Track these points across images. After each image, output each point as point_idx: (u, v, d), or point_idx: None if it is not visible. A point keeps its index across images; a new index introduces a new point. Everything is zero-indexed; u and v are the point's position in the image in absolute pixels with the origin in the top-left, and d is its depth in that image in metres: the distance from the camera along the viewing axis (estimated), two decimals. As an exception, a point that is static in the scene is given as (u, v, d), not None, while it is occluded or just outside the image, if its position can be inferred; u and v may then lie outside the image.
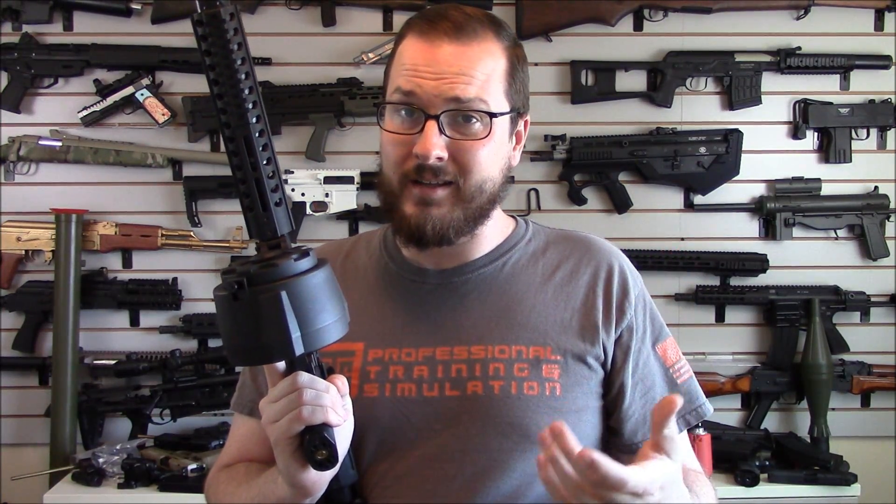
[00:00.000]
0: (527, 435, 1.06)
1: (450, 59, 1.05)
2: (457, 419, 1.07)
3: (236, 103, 0.85)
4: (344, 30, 2.82)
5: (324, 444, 0.90)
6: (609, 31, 2.82)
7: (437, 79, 1.04)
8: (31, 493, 2.68)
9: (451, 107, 1.04)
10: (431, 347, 1.10)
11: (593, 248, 1.18)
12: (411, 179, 1.06)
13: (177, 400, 2.72)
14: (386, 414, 1.08)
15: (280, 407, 0.92)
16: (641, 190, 2.86)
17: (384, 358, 1.10)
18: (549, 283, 1.14)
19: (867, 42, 2.86)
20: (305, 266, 0.87)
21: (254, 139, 0.87)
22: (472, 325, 1.11)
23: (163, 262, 2.85)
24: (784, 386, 2.82)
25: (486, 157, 1.07)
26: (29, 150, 2.78)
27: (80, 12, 2.81)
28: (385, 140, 1.09)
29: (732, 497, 2.51)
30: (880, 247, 2.84)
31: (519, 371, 1.08)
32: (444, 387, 1.08)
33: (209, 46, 0.84)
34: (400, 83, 1.06)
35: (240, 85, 0.85)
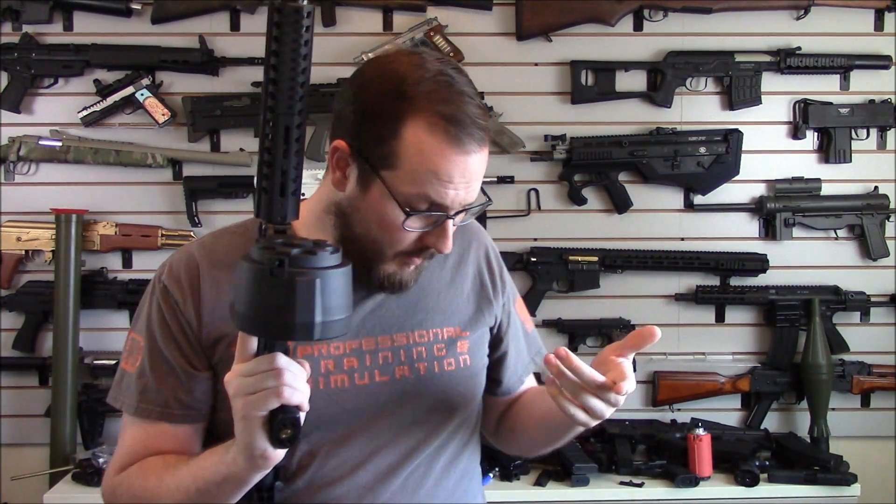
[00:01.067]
0: (451, 403, 1.23)
1: (478, 166, 1.10)
2: (389, 402, 1.18)
3: (289, 93, 0.91)
4: (344, 30, 2.83)
5: (292, 425, 0.95)
6: (609, 31, 2.82)
7: (466, 189, 1.10)
8: (31, 493, 2.68)
9: (464, 209, 1.12)
10: (357, 340, 1.18)
11: (468, 231, 1.31)
12: (405, 255, 1.13)
13: (177, 400, 2.71)
14: (322, 406, 1.11)
15: (256, 382, 0.95)
16: (641, 190, 2.86)
17: (313, 353, 1.15)
18: (445, 269, 1.27)
19: (867, 42, 2.86)
20: (336, 261, 0.94)
21: (293, 129, 0.93)
22: (390, 315, 1.21)
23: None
24: (784, 386, 2.82)
25: None
26: (29, 150, 2.78)
27: (80, 12, 2.81)
28: (398, 227, 1.09)
29: (732, 497, 2.51)
30: (880, 247, 2.85)
31: (438, 351, 1.22)
32: (373, 374, 1.18)
33: (281, 34, 0.89)
34: (430, 193, 1.07)
35: (297, 78, 0.91)
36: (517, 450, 1.44)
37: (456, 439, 1.26)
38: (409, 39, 2.78)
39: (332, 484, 1.16)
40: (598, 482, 2.53)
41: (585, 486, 2.49)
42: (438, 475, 1.23)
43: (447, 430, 1.24)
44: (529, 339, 1.39)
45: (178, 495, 1.07)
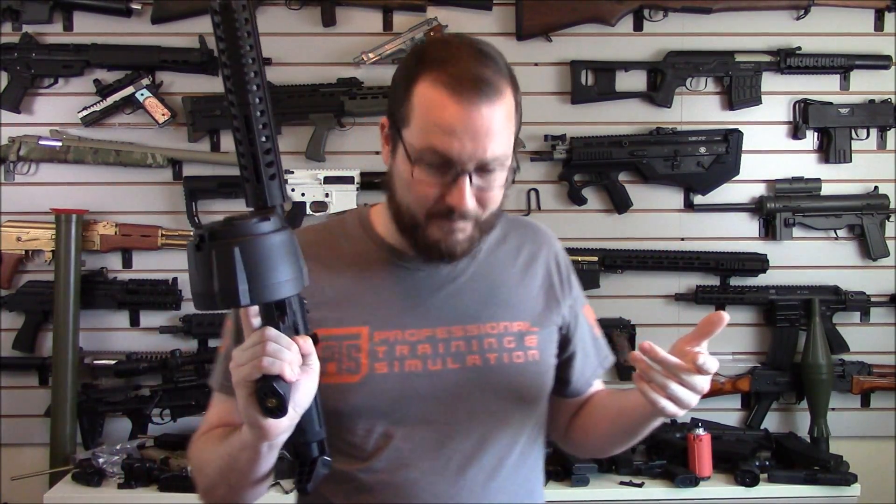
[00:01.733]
0: (518, 395, 1.27)
1: (484, 121, 1.12)
2: (460, 388, 1.23)
3: (242, 86, 0.95)
4: (344, 30, 2.83)
5: (273, 394, 0.97)
6: (609, 31, 2.82)
7: (473, 142, 1.12)
8: (31, 493, 2.68)
9: (481, 165, 1.14)
10: (432, 328, 1.24)
11: (540, 234, 1.38)
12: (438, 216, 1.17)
13: (177, 400, 2.72)
14: (396, 388, 1.20)
15: (246, 354, 1.00)
16: (641, 190, 2.86)
17: (390, 339, 1.22)
18: (516, 266, 1.33)
19: (867, 42, 2.86)
20: (265, 229, 0.96)
21: (254, 118, 0.96)
22: (464, 306, 1.26)
23: (163, 262, 2.85)
24: (784, 386, 2.82)
25: (500, 192, 1.20)
26: (29, 150, 2.78)
27: (80, 12, 2.82)
28: (412, 182, 1.16)
29: (732, 497, 2.51)
30: (880, 247, 2.85)
31: (508, 343, 1.26)
32: (445, 361, 1.23)
33: (221, 33, 0.94)
34: (435, 144, 1.12)
35: (246, 70, 0.94)
36: (589, 451, 1.47)
37: (525, 435, 1.29)
38: (409, 39, 2.78)
39: (408, 466, 1.21)
40: (598, 482, 2.53)
41: (585, 486, 2.50)
42: (509, 470, 1.27)
43: (517, 423, 1.27)
44: (598, 344, 1.42)
45: (218, 462, 1.15)
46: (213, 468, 1.17)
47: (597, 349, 1.42)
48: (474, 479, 1.22)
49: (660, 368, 1.11)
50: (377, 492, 1.21)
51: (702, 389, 1.12)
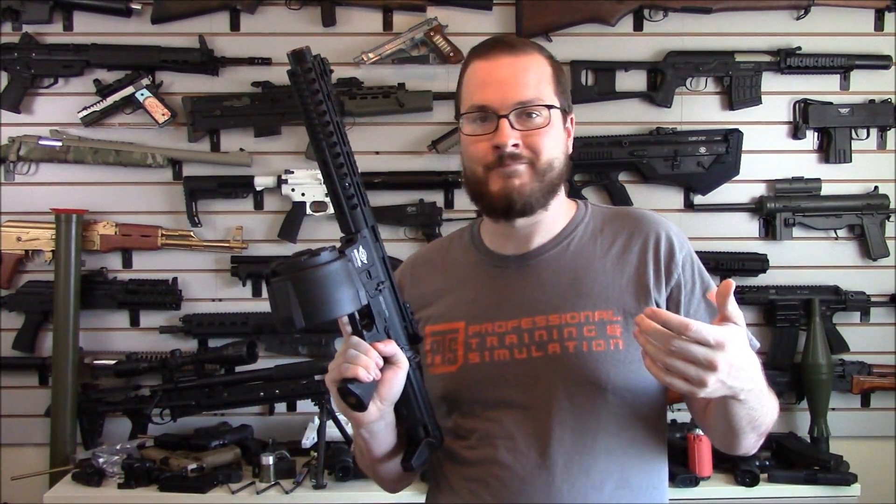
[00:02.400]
0: (598, 383, 1.30)
1: (508, 68, 1.31)
2: (542, 374, 1.31)
3: (314, 135, 1.12)
4: (344, 30, 2.83)
5: (350, 393, 1.15)
6: (609, 31, 2.82)
7: (502, 86, 1.30)
8: (31, 493, 2.68)
9: (518, 107, 1.29)
10: (517, 319, 1.34)
11: (643, 221, 1.42)
12: (494, 167, 1.30)
13: (177, 400, 2.71)
14: (486, 375, 1.33)
15: (335, 361, 1.17)
16: (641, 190, 2.86)
17: (481, 332, 1.35)
18: (608, 257, 1.38)
19: (867, 42, 2.86)
20: (313, 262, 1.10)
21: (329, 161, 1.13)
22: (547, 298, 1.35)
23: (163, 262, 2.85)
24: (784, 386, 2.82)
25: (549, 141, 1.33)
26: (29, 150, 2.78)
27: (80, 12, 2.82)
28: (466, 142, 1.34)
29: (732, 497, 2.51)
30: (880, 247, 2.85)
31: (588, 332, 1.31)
32: (530, 350, 1.33)
33: (298, 91, 1.11)
34: (474, 97, 1.32)
35: (321, 119, 1.11)
36: (720, 445, 1.39)
37: (615, 424, 1.31)
38: (409, 39, 2.78)
39: (497, 444, 1.31)
40: (598, 482, 2.53)
41: (585, 486, 2.49)
42: (596, 455, 1.30)
43: (601, 409, 1.30)
44: None
45: (357, 445, 1.35)
46: (357, 453, 1.38)
47: None
48: (554, 460, 1.29)
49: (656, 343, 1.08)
50: (474, 465, 1.33)
51: (708, 362, 1.06)
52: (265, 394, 2.70)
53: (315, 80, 1.09)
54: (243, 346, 2.68)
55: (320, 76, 1.10)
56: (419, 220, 2.81)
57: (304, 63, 1.09)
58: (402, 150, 2.84)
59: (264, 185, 2.81)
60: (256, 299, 2.85)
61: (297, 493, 2.44)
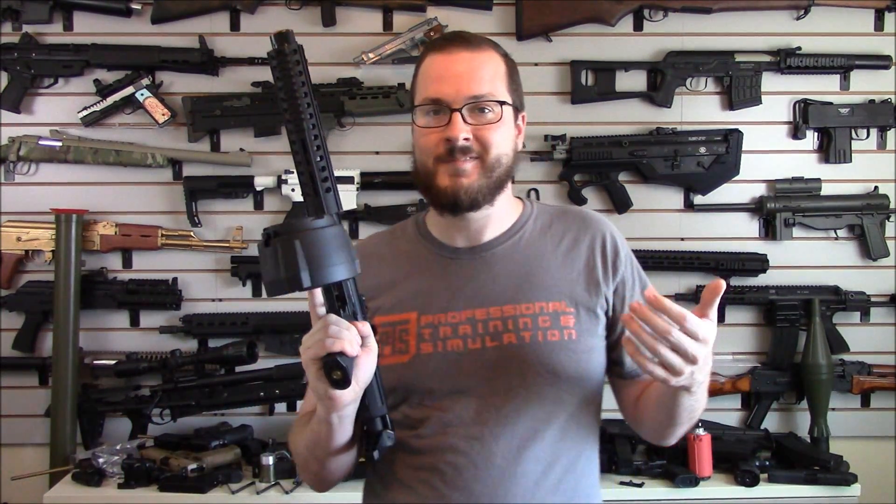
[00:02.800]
0: (553, 371, 1.33)
1: (464, 63, 1.34)
2: (497, 364, 1.34)
3: (297, 115, 1.15)
4: (344, 30, 2.83)
5: (337, 366, 1.13)
6: (609, 31, 2.82)
7: (456, 80, 1.32)
8: (31, 493, 2.68)
9: (470, 102, 1.32)
10: (471, 310, 1.36)
11: (588, 220, 1.47)
12: (444, 161, 1.33)
13: (177, 400, 2.71)
14: (439, 365, 1.34)
15: (313, 338, 1.16)
16: (641, 190, 2.86)
17: (434, 322, 1.36)
18: (558, 251, 1.42)
19: (867, 42, 2.86)
20: (318, 224, 1.12)
21: (309, 140, 1.15)
22: (501, 289, 1.37)
23: (163, 262, 2.85)
24: (784, 386, 2.82)
25: (499, 137, 1.34)
26: (29, 150, 2.78)
27: (80, 12, 2.82)
28: (418, 134, 1.37)
29: (732, 497, 2.51)
30: (880, 247, 2.85)
31: (543, 322, 1.35)
32: (484, 340, 1.35)
33: (278, 73, 1.14)
34: (427, 91, 1.34)
35: (300, 101, 1.14)
36: (649, 436, 1.47)
37: (564, 412, 1.35)
38: (409, 39, 2.78)
39: (450, 432, 1.33)
40: (598, 482, 2.53)
41: (585, 486, 2.49)
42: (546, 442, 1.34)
43: (553, 398, 1.34)
44: None
45: (306, 441, 1.32)
46: (303, 446, 1.34)
47: None
48: (508, 445, 1.32)
49: (650, 330, 1.12)
50: (425, 453, 1.34)
51: (693, 356, 1.12)
52: (265, 394, 2.71)
53: (300, 60, 1.13)
54: (243, 346, 2.68)
55: (305, 60, 1.14)
56: (419, 220, 2.81)
57: (290, 43, 1.12)
58: (402, 150, 2.84)
59: (264, 185, 2.81)
60: (256, 299, 2.85)
61: (297, 493, 2.44)
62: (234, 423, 2.77)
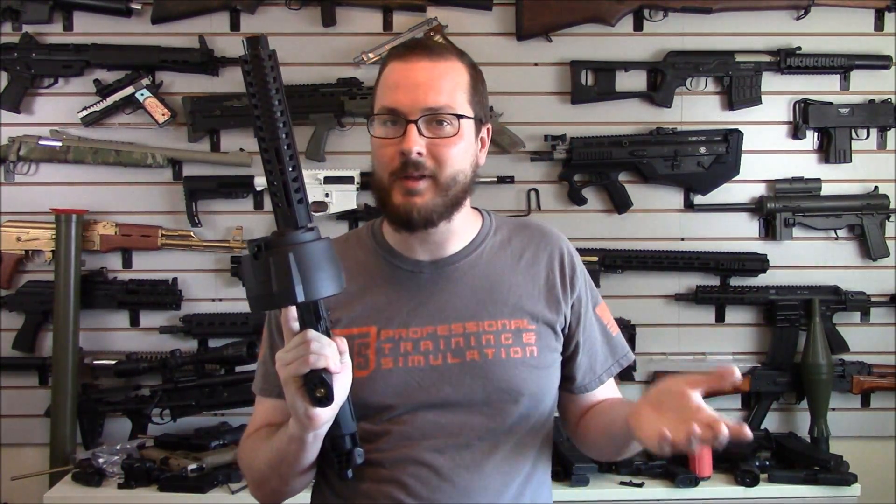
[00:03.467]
0: (516, 388, 1.34)
1: (423, 73, 1.29)
2: (459, 381, 1.33)
3: (272, 123, 1.09)
4: (344, 30, 2.83)
5: (322, 384, 1.12)
6: (609, 31, 2.82)
7: (415, 90, 1.27)
8: (31, 493, 2.68)
9: (427, 113, 1.27)
10: (433, 325, 1.34)
11: (546, 236, 1.45)
12: (399, 176, 1.28)
13: (177, 400, 2.72)
14: (400, 381, 1.32)
15: (292, 353, 1.14)
16: (641, 190, 2.86)
17: (395, 337, 1.33)
18: (518, 267, 1.40)
19: (867, 42, 2.86)
20: (310, 237, 1.11)
21: (283, 150, 1.10)
22: (464, 305, 1.36)
23: (163, 262, 2.85)
24: (784, 386, 2.82)
25: (457, 153, 1.30)
26: (29, 150, 2.78)
27: (80, 12, 2.82)
28: (375, 145, 1.32)
29: (732, 497, 2.51)
30: (880, 247, 2.85)
31: (505, 340, 1.35)
32: (446, 356, 1.33)
33: (251, 79, 1.09)
34: (385, 100, 1.30)
35: (274, 109, 1.09)
36: (589, 452, 1.52)
37: (524, 428, 1.36)
38: (410, 39, 2.78)
39: (411, 446, 1.32)
40: (598, 482, 2.53)
41: (585, 486, 2.49)
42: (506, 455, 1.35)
43: (514, 415, 1.34)
44: (612, 343, 1.47)
45: (268, 456, 1.30)
46: (263, 463, 1.31)
47: (611, 348, 1.47)
48: (472, 458, 1.32)
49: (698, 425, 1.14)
50: (387, 467, 1.32)
51: (692, 451, 1.16)
52: (265, 394, 2.70)
53: (274, 66, 1.09)
54: (243, 346, 2.68)
55: (278, 65, 1.10)
56: (419, 220, 2.81)
57: (264, 48, 1.08)
58: (402, 150, 2.84)
59: (264, 185, 2.81)
60: (256, 299, 2.85)
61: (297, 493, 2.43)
62: (234, 423, 2.77)
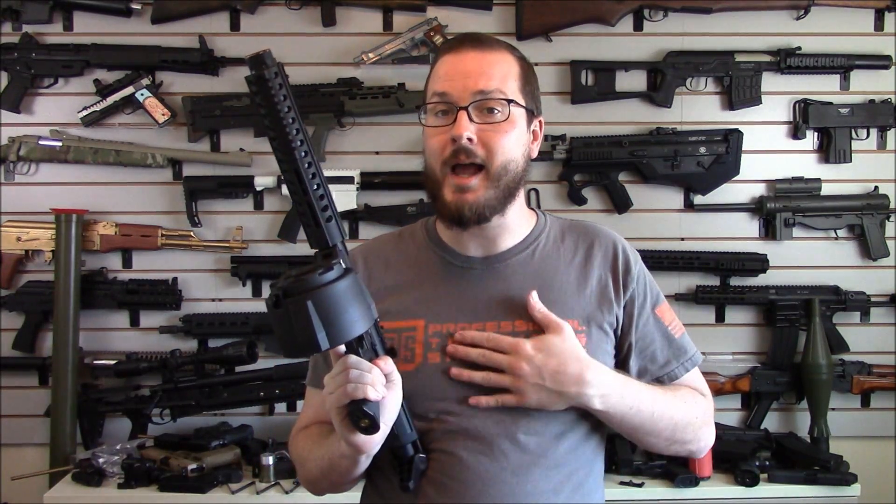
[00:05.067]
0: None
1: (473, 62, 1.31)
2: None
3: (286, 144, 1.03)
4: (344, 30, 2.83)
5: (364, 415, 1.09)
6: (609, 31, 2.82)
7: (465, 78, 1.29)
8: (31, 493, 2.68)
9: (477, 98, 1.28)
10: (482, 322, 1.32)
11: (600, 235, 1.44)
12: (450, 166, 1.28)
13: (177, 400, 2.72)
14: (446, 376, 1.30)
15: (333, 382, 1.13)
16: (641, 190, 2.86)
17: (443, 331, 1.32)
18: (571, 266, 1.39)
19: (867, 42, 2.86)
20: (329, 278, 1.05)
21: (303, 171, 1.05)
22: (514, 303, 1.33)
23: (163, 262, 2.85)
24: (784, 386, 2.82)
25: (507, 141, 1.30)
26: (29, 150, 2.78)
27: (80, 12, 2.82)
28: (427, 135, 1.32)
29: (732, 497, 2.51)
30: (880, 247, 2.85)
31: None
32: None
33: (260, 100, 1.02)
34: (436, 87, 1.31)
35: (288, 129, 1.02)
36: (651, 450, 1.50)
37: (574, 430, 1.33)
38: (409, 39, 2.78)
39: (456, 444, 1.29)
40: (598, 482, 2.53)
41: (585, 486, 2.49)
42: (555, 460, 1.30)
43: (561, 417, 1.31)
44: (676, 345, 1.44)
45: (320, 463, 1.31)
46: (314, 467, 1.33)
47: (673, 350, 1.43)
48: (517, 461, 1.28)
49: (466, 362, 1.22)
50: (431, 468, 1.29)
51: (512, 368, 1.23)
52: (265, 394, 2.71)
53: (282, 83, 1.02)
54: (243, 346, 2.68)
55: (286, 79, 1.02)
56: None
57: (271, 67, 1.00)
58: (402, 150, 2.84)
59: (264, 185, 2.81)
60: (256, 299, 2.85)
61: (297, 494, 2.44)
62: (234, 423, 2.77)
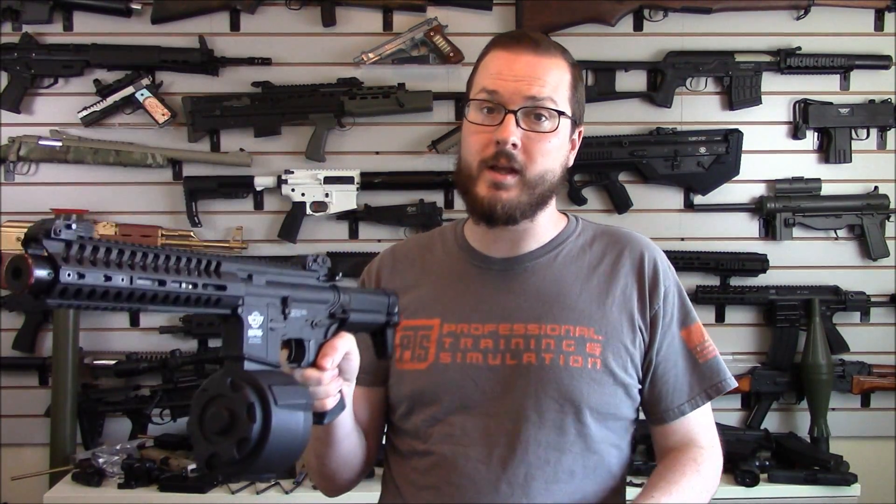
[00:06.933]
0: (571, 399, 1.26)
1: (528, 66, 1.26)
2: (514, 384, 1.27)
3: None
4: (344, 30, 2.83)
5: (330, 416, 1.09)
6: (609, 31, 2.82)
7: (517, 81, 1.25)
8: (31, 493, 2.68)
9: (528, 104, 1.25)
10: (495, 324, 1.30)
11: (632, 244, 1.37)
12: (488, 165, 1.25)
13: (177, 400, 2.71)
14: (457, 377, 1.29)
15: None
16: (641, 190, 2.86)
17: (456, 331, 1.31)
18: (595, 274, 1.34)
19: (867, 42, 2.86)
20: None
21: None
22: (529, 306, 1.31)
23: (163, 262, 2.84)
24: (784, 386, 2.82)
25: (550, 151, 1.27)
26: (29, 150, 2.78)
27: (80, 12, 2.82)
28: (469, 131, 1.29)
29: (732, 497, 2.51)
30: (880, 247, 2.85)
31: (567, 346, 1.28)
32: (504, 357, 1.29)
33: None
34: (486, 84, 1.27)
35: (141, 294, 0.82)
36: None
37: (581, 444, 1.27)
38: (409, 39, 2.78)
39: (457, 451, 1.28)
40: (598, 482, 2.53)
41: (585, 486, 2.49)
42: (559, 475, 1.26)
43: (566, 428, 1.27)
44: (702, 370, 1.34)
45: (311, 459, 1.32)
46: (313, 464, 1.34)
47: (698, 376, 1.33)
48: (515, 473, 1.25)
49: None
50: (430, 471, 1.29)
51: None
52: (265, 394, 2.70)
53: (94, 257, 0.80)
54: (243, 346, 2.67)
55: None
56: (419, 221, 2.81)
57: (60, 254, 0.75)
58: (402, 150, 2.84)
59: (264, 185, 2.81)
60: (256, 299, 2.84)
61: (297, 493, 2.44)
62: (234, 423, 2.77)
